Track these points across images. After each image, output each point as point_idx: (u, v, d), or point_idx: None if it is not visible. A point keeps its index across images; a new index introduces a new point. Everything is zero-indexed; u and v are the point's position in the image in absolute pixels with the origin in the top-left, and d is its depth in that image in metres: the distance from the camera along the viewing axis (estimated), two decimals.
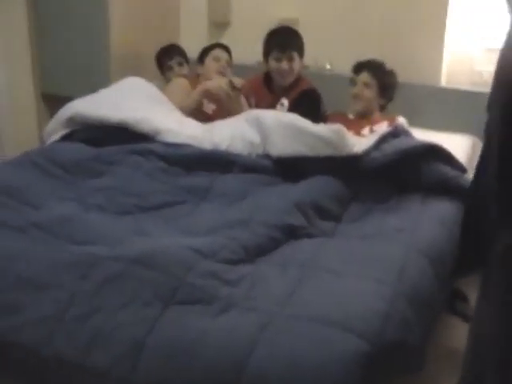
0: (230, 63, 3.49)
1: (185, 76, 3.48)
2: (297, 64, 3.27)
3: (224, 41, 3.76)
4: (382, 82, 3.17)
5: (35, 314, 1.70)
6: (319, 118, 3.09)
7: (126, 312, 1.69)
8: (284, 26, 3.45)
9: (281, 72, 3.25)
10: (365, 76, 3.17)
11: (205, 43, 3.66)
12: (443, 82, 3.58)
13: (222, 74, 3.37)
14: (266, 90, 3.37)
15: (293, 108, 3.17)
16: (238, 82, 3.18)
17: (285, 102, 3.24)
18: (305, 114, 2.84)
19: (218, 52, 3.48)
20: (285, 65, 3.23)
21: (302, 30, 3.43)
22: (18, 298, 1.75)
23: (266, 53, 3.32)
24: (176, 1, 4.19)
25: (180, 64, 3.57)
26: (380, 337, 1.62)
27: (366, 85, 3.17)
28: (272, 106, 3.25)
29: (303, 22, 3.76)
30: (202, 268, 1.82)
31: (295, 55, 3.25)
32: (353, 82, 3.21)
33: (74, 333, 1.66)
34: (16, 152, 2.85)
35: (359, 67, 3.22)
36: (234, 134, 2.76)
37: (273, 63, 3.27)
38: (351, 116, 3.24)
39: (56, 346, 1.63)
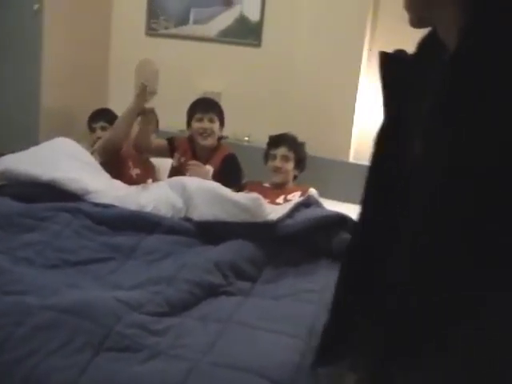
0: (155, 128, 3.63)
1: None
2: (217, 127, 3.51)
3: None
4: (298, 155, 3.43)
5: None
6: (240, 184, 3.32)
7: (58, 357, 1.81)
8: (207, 97, 3.71)
9: (202, 131, 3.46)
10: (284, 150, 3.41)
11: None
12: (351, 157, 3.91)
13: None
14: (190, 153, 3.57)
15: (218, 173, 3.39)
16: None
17: (210, 168, 3.45)
18: (229, 178, 3.06)
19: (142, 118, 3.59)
20: (206, 123, 3.46)
21: (224, 104, 3.69)
22: None
23: (190, 117, 3.55)
24: (106, 66, 4.39)
25: (103, 128, 3.70)
26: None
27: (286, 158, 3.42)
28: None
29: (225, 96, 4.04)
30: (130, 319, 1.97)
31: (216, 119, 3.50)
32: (271, 156, 3.44)
33: (7, 376, 1.77)
34: None
35: (277, 142, 3.46)
36: (158, 197, 2.94)
37: (195, 124, 3.49)
38: (267, 185, 3.48)
39: None
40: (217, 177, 3.33)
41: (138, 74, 3.38)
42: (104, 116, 3.77)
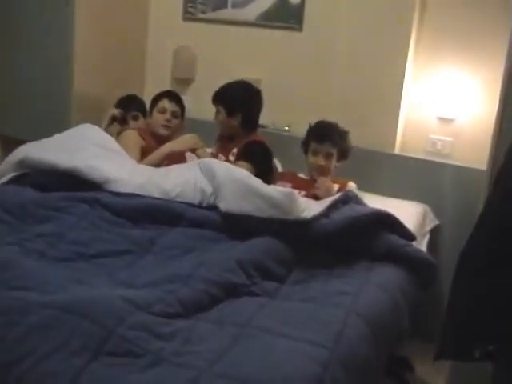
0: (177, 114, 3.46)
1: (134, 128, 3.45)
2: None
3: (187, 96, 3.78)
4: (341, 148, 3.14)
5: None
6: (269, 173, 3.08)
7: (51, 361, 1.63)
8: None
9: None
10: (328, 147, 3.08)
11: None
12: (397, 149, 3.64)
13: (166, 127, 3.38)
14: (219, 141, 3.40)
15: (240, 155, 3.18)
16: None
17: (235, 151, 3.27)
18: (254, 162, 2.96)
19: (164, 103, 3.44)
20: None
21: (264, 91, 3.47)
22: None
23: None
24: (142, 54, 4.24)
25: (134, 118, 3.54)
26: None
27: (329, 155, 3.10)
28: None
29: (265, 83, 3.82)
30: (135, 320, 1.78)
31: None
32: (312, 151, 3.11)
33: None
34: None
35: (322, 136, 3.10)
36: (186, 180, 2.74)
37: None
38: (303, 176, 3.22)
39: None
40: (239, 157, 3.16)
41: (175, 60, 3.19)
42: (135, 104, 3.59)
